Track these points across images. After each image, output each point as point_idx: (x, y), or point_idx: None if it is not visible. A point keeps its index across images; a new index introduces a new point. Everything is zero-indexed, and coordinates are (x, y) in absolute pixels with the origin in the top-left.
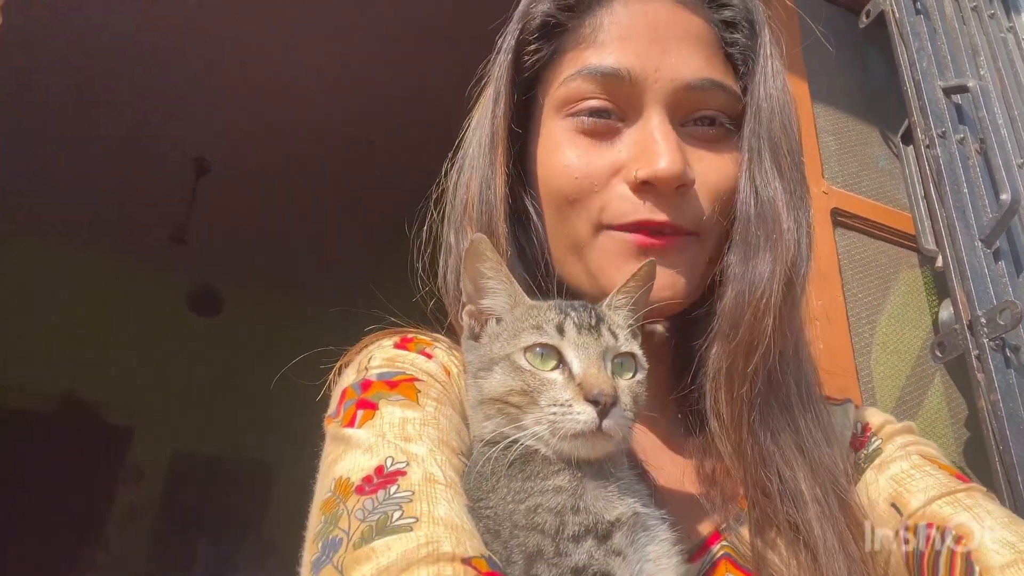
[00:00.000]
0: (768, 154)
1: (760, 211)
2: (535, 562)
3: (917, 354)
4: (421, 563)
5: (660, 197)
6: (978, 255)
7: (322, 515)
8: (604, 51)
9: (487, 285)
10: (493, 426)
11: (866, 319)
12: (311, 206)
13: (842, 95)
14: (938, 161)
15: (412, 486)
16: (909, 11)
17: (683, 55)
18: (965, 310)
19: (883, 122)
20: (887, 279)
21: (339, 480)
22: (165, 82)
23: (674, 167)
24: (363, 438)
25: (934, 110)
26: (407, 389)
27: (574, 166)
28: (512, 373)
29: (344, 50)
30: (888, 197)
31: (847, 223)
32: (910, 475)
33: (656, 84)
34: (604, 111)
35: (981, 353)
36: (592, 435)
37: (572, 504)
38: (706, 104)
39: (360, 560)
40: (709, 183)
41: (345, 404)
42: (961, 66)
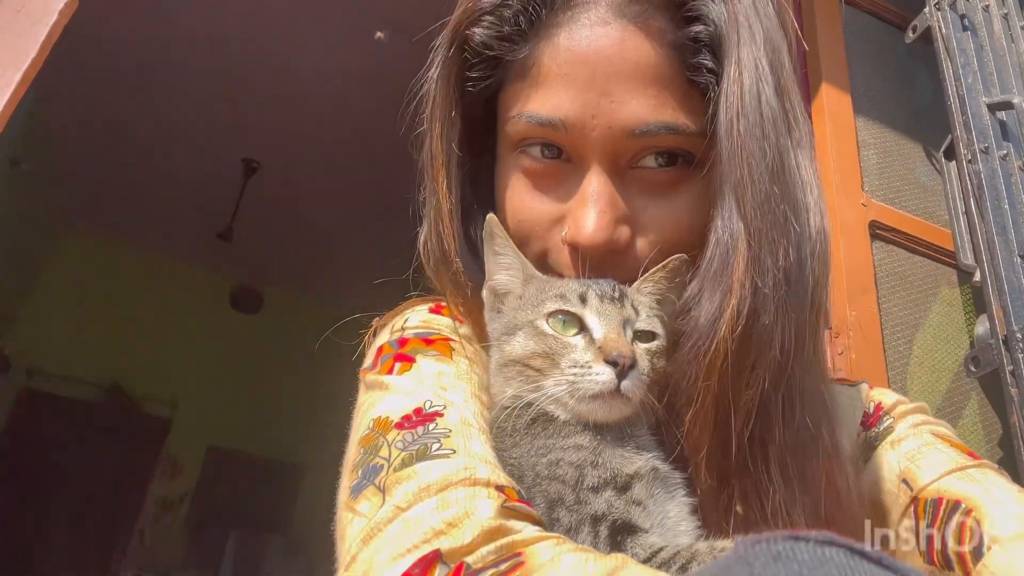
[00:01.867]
0: (731, 196)
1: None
2: (556, 507)
3: (954, 373)
4: (459, 484)
5: (594, 259)
6: (1016, 271)
7: (361, 447)
8: (544, 95)
9: (500, 261)
10: (513, 390)
11: (901, 333)
12: (353, 210)
13: (885, 109)
14: (979, 176)
15: (449, 425)
16: (956, 28)
17: (625, 96)
18: (1001, 325)
19: (926, 138)
20: (924, 294)
21: (378, 419)
22: (219, 81)
23: (597, 236)
24: (401, 383)
25: (978, 125)
26: (442, 346)
27: (519, 209)
28: (535, 337)
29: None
30: (928, 213)
31: (885, 236)
32: (921, 452)
33: (594, 132)
34: (552, 147)
35: (1016, 368)
36: (610, 396)
37: (592, 460)
38: (654, 147)
39: (402, 479)
40: (651, 237)
41: (383, 358)
42: (1008, 84)
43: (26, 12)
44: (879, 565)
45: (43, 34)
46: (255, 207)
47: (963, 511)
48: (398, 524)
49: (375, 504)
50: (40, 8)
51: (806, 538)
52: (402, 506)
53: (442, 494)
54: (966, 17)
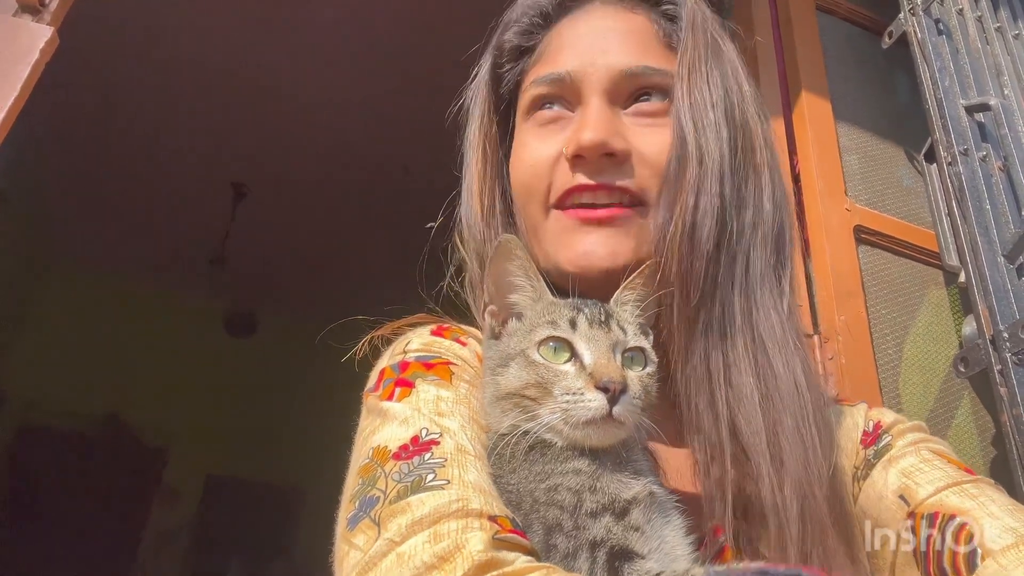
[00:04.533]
0: (688, 111)
1: (675, 167)
2: (554, 533)
3: (945, 374)
4: (452, 516)
5: (592, 166)
6: (1001, 271)
7: (359, 478)
8: (553, 61)
9: (513, 283)
10: (510, 421)
11: (890, 336)
12: (345, 231)
13: (865, 115)
14: (960, 178)
15: (445, 454)
16: (931, 32)
17: (620, 48)
18: (988, 325)
19: (907, 142)
20: (911, 296)
21: (377, 448)
22: (205, 107)
23: (595, 135)
24: (400, 411)
25: (956, 128)
26: (442, 371)
27: (529, 156)
28: (527, 368)
29: (383, 77)
30: (912, 215)
31: (871, 240)
32: (919, 468)
33: (594, 76)
34: (554, 100)
35: (1004, 368)
36: (603, 421)
37: (590, 485)
38: (643, 85)
39: (396, 513)
40: (648, 152)
41: (385, 382)
42: (984, 85)
43: (7, 52)
44: None
45: (25, 72)
46: (246, 231)
47: (958, 524)
48: (392, 558)
49: (370, 538)
50: (22, 47)
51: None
52: (395, 540)
53: (434, 527)
54: (941, 21)
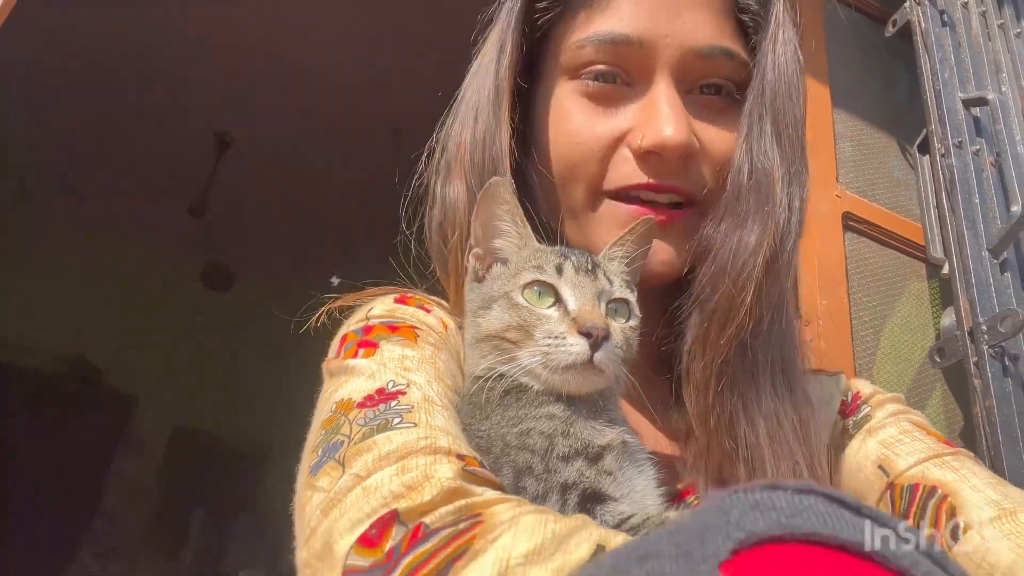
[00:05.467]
0: (769, 124)
1: (754, 181)
2: (523, 476)
3: (920, 364)
4: (419, 452)
5: (664, 165)
6: (984, 265)
7: (322, 429)
8: (615, 16)
9: (500, 227)
10: (488, 364)
11: (869, 323)
12: (331, 191)
13: (863, 103)
14: (952, 170)
15: (411, 402)
16: (935, 23)
17: (694, 20)
18: (967, 317)
19: (901, 133)
20: (893, 286)
21: (340, 401)
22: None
23: (679, 136)
24: (365, 366)
25: (952, 120)
26: (407, 332)
27: (578, 131)
28: (510, 310)
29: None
30: (901, 207)
31: (858, 228)
32: (899, 439)
33: (666, 50)
34: (611, 75)
35: (980, 360)
36: (584, 367)
37: (563, 430)
38: (713, 72)
39: (362, 451)
40: (714, 153)
41: (346, 345)
42: (983, 80)
43: None
44: (858, 513)
45: None
46: (229, 183)
47: (939, 497)
48: (357, 492)
49: (334, 477)
50: None
51: (784, 487)
52: (361, 475)
53: (402, 461)
54: (945, 13)
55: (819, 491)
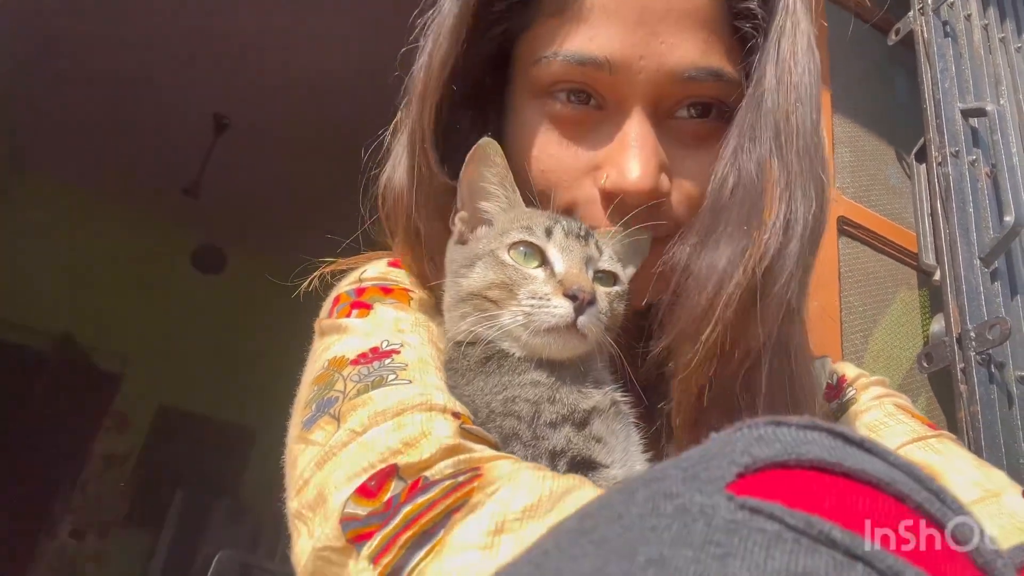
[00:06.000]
0: (769, 131)
1: (738, 197)
2: (511, 443)
3: (906, 370)
4: (416, 409)
5: (629, 209)
6: (976, 273)
7: (315, 385)
8: (586, 32)
9: (488, 189)
10: (467, 325)
11: (859, 327)
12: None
13: (862, 110)
14: (948, 179)
15: (406, 360)
16: (938, 33)
17: (675, 39)
18: (956, 323)
19: (899, 142)
20: (884, 292)
21: (333, 358)
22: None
23: (645, 181)
24: (358, 325)
25: (950, 130)
26: (401, 295)
27: (543, 160)
28: (495, 267)
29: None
30: (895, 214)
31: (851, 232)
32: (883, 423)
33: (640, 75)
34: (582, 93)
35: (967, 366)
36: (566, 331)
37: (549, 396)
38: (698, 93)
39: (357, 406)
40: (688, 187)
41: (339, 306)
42: (982, 92)
43: None
44: (861, 448)
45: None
46: (224, 165)
47: None
48: (354, 447)
49: (329, 432)
50: None
51: (787, 422)
52: (357, 430)
53: (398, 418)
54: (948, 24)
55: (823, 427)
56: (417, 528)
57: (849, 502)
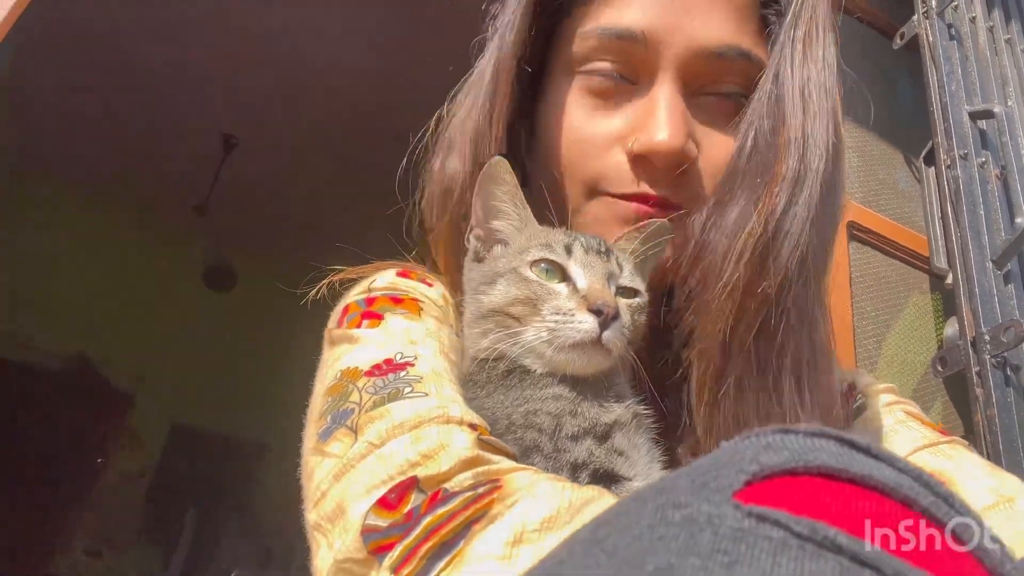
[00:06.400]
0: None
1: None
2: (531, 455)
3: (921, 374)
4: (433, 422)
5: (656, 172)
6: (988, 275)
7: (328, 396)
8: (623, 8)
9: (500, 207)
10: (489, 342)
11: (872, 332)
12: (333, 195)
13: (869, 115)
14: (957, 182)
15: (421, 373)
16: (943, 36)
17: (707, 17)
18: (970, 327)
19: (907, 145)
20: (896, 296)
21: (346, 369)
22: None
23: (673, 142)
24: (371, 336)
25: (958, 132)
26: (411, 305)
27: (576, 128)
28: (517, 283)
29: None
30: (905, 218)
31: (862, 238)
32: (894, 430)
33: (671, 49)
34: (612, 63)
35: (982, 369)
36: (591, 346)
37: (571, 409)
38: (726, 73)
39: (374, 419)
40: (714, 160)
41: (349, 316)
42: (989, 94)
43: None
44: (868, 454)
45: None
46: (233, 184)
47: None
48: (372, 459)
49: (347, 444)
50: None
51: (795, 430)
52: (375, 442)
53: (416, 431)
54: (953, 27)
55: (831, 434)
56: (437, 539)
57: (855, 507)
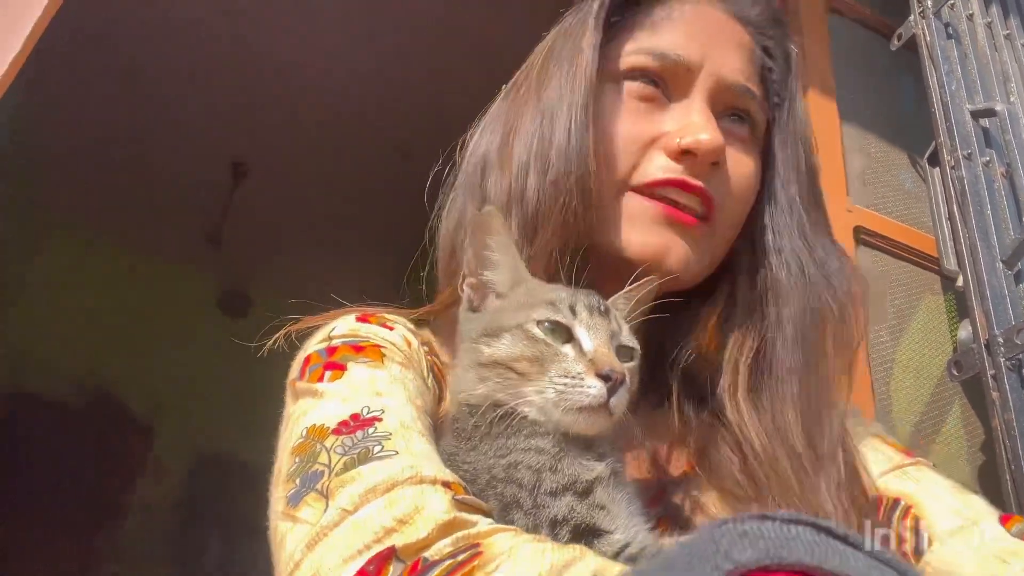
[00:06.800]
0: (793, 169)
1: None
2: (511, 510)
3: (938, 378)
4: (405, 483)
5: (696, 167)
6: (999, 276)
7: (295, 456)
8: (670, 37)
9: (492, 259)
10: (486, 389)
11: (885, 337)
12: (344, 217)
13: (870, 117)
14: (963, 182)
15: (389, 429)
16: (940, 35)
17: (730, 58)
18: (983, 329)
19: (911, 145)
20: (908, 299)
21: (312, 427)
22: (210, 83)
23: (716, 139)
24: (336, 389)
25: (961, 132)
26: (373, 352)
27: (621, 130)
28: (524, 341)
29: (385, 63)
30: (913, 219)
31: (870, 242)
32: (864, 455)
33: (706, 76)
34: (657, 83)
35: (997, 372)
36: (598, 410)
37: (551, 465)
38: (738, 102)
39: (346, 483)
40: (734, 173)
41: (311, 367)
42: (991, 91)
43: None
44: (844, 542)
45: (27, 28)
46: (244, 210)
47: (903, 508)
48: (346, 526)
49: (318, 509)
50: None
51: (772, 517)
52: (348, 509)
53: (389, 494)
54: (950, 25)
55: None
56: None
57: None
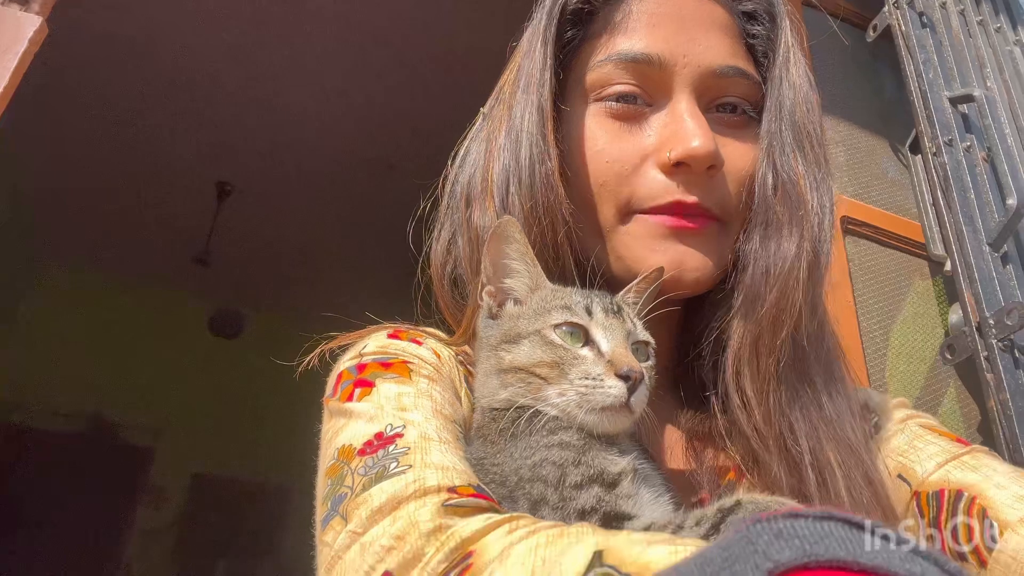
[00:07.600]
0: (790, 137)
1: (783, 191)
2: (540, 507)
3: (931, 362)
4: (409, 499)
5: (691, 178)
6: (986, 259)
7: (328, 479)
8: (634, 37)
9: (511, 266)
10: (508, 394)
11: (877, 325)
12: (330, 231)
13: (851, 107)
14: (945, 168)
15: (408, 443)
16: (915, 25)
17: (709, 42)
18: (974, 312)
19: (892, 134)
20: (898, 286)
21: (342, 448)
22: (192, 106)
23: (707, 146)
24: (363, 409)
25: (940, 119)
26: (401, 368)
27: (605, 151)
28: (543, 346)
29: (366, 77)
30: (898, 206)
31: (857, 231)
32: (913, 446)
33: (684, 69)
34: (632, 96)
35: (990, 354)
36: (619, 410)
37: (574, 459)
38: (729, 91)
39: (359, 505)
40: (735, 168)
41: (343, 384)
42: (968, 78)
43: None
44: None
45: (13, 62)
46: (231, 230)
47: (967, 500)
48: (355, 549)
49: (337, 532)
50: (9, 35)
51: (805, 514)
52: (358, 531)
53: (395, 512)
54: (924, 15)
55: (839, 517)
56: None
57: None
